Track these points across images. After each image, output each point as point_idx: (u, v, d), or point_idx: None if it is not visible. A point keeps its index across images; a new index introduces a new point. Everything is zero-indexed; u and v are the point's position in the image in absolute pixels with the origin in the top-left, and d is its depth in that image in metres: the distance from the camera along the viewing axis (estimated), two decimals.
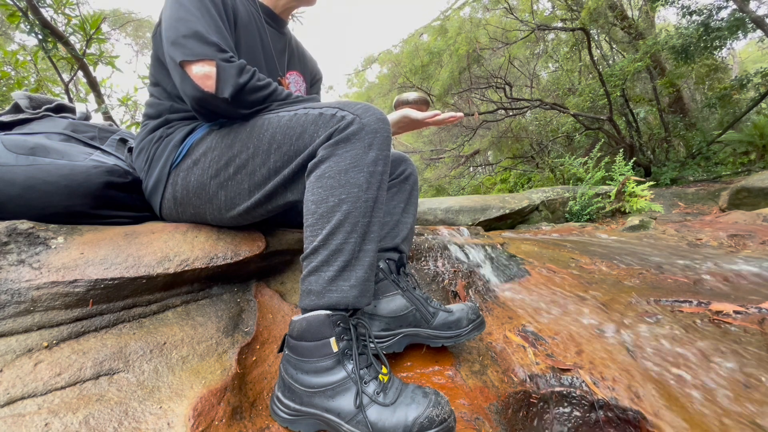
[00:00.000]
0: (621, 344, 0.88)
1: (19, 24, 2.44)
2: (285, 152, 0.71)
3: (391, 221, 0.93)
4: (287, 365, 0.64)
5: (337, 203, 0.65)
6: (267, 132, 0.72)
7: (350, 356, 0.62)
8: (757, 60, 11.83)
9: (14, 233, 0.67)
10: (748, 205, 3.05)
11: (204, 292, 0.83)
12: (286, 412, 0.62)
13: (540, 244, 1.75)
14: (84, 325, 0.64)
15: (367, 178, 0.66)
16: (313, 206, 0.66)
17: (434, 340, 0.82)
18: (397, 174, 0.99)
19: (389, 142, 0.70)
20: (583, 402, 0.73)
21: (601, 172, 3.40)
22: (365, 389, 0.59)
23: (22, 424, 0.48)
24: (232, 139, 0.76)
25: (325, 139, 0.67)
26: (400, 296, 0.84)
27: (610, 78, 5.73)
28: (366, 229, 0.66)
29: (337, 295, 0.63)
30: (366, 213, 0.66)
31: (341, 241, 0.64)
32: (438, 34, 7.54)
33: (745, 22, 4.78)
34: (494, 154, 9.83)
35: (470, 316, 0.84)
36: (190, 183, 0.80)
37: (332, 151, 0.66)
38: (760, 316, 0.94)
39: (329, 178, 0.65)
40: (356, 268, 0.65)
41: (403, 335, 0.83)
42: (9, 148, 0.76)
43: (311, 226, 0.66)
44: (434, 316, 0.83)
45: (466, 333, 0.82)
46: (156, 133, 0.86)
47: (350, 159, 0.65)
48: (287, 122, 0.71)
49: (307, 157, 0.69)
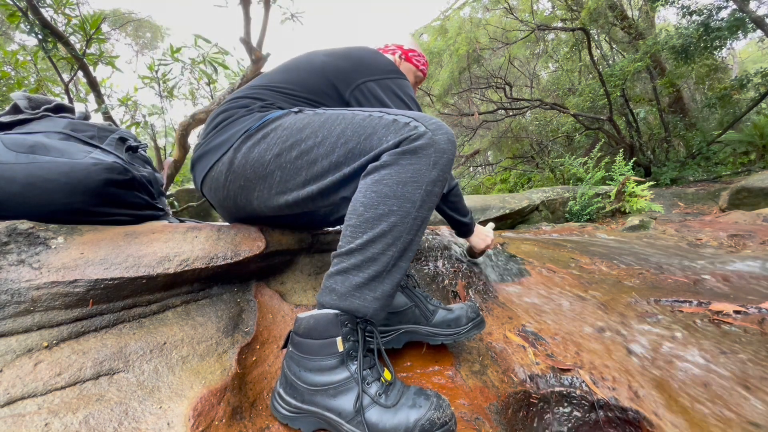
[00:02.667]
0: (621, 344, 0.88)
1: (19, 24, 2.44)
2: (350, 149, 0.70)
3: None
4: (290, 362, 0.64)
5: (386, 213, 0.64)
6: (338, 126, 0.72)
7: (354, 357, 0.61)
8: (757, 60, 11.84)
9: (14, 233, 0.67)
10: (748, 205, 3.05)
11: (204, 292, 0.83)
12: (287, 408, 0.62)
13: (540, 244, 1.75)
14: (84, 325, 0.64)
15: (423, 196, 0.65)
16: (361, 208, 0.65)
17: (433, 338, 0.82)
18: None
19: (451, 166, 0.69)
20: (583, 402, 0.73)
21: (601, 172, 3.41)
22: (367, 390, 0.59)
23: (22, 424, 0.48)
24: (305, 124, 0.75)
25: (393, 146, 0.66)
26: (399, 293, 0.84)
27: (610, 78, 5.74)
28: (406, 246, 0.65)
29: (359, 303, 0.63)
30: (411, 230, 0.65)
31: (379, 251, 0.63)
32: (438, 34, 7.55)
33: (745, 22, 4.78)
34: (494, 154, 9.83)
35: (470, 315, 0.84)
36: (252, 154, 0.78)
37: (397, 159, 0.65)
38: (760, 316, 0.94)
39: (386, 186, 0.64)
40: (385, 281, 0.64)
41: (402, 331, 0.83)
42: (9, 146, 0.76)
43: (353, 227, 0.65)
44: (434, 314, 0.83)
45: (466, 331, 0.82)
46: (248, 107, 0.86)
47: (412, 173, 0.64)
48: (360, 121, 0.71)
49: (371, 159, 0.68)
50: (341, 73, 0.92)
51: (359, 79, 0.92)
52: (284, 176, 0.76)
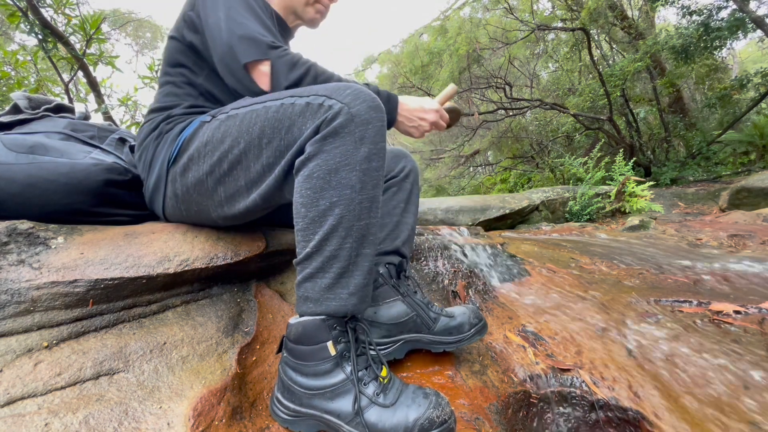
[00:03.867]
0: (621, 344, 0.88)
1: (19, 24, 2.44)
2: (276, 147, 0.65)
3: (391, 222, 0.91)
4: (286, 367, 0.63)
5: (329, 206, 0.60)
6: (256, 125, 0.67)
7: (348, 358, 0.61)
8: (757, 60, 11.83)
9: (14, 233, 0.67)
10: (748, 205, 3.05)
11: (204, 292, 0.83)
12: (286, 413, 0.62)
13: (540, 244, 1.75)
14: (84, 325, 0.64)
15: (360, 177, 0.60)
16: (303, 209, 0.62)
17: (436, 346, 0.81)
18: (396, 172, 0.96)
19: (384, 133, 0.64)
20: (583, 402, 0.73)
21: (601, 172, 3.41)
22: (364, 391, 0.59)
23: (22, 424, 0.48)
24: (223, 133, 0.71)
25: (313, 133, 0.61)
26: (400, 302, 0.82)
27: (610, 78, 5.73)
28: (363, 233, 0.62)
29: (336, 303, 0.61)
30: (361, 215, 0.61)
31: (336, 247, 0.61)
32: (438, 34, 7.55)
33: (745, 22, 4.78)
34: (494, 154, 9.83)
35: (472, 321, 0.82)
36: (188, 179, 0.77)
37: (320, 147, 0.60)
38: (760, 316, 0.94)
39: (318, 179, 0.60)
40: (354, 274, 0.62)
41: (404, 341, 0.82)
42: (9, 146, 0.76)
43: (302, 230, 0.63)
44: (435, 322, 0.82)
45: (468, 338, 0.81)
46: (156, 130, 0.84)
47: (340, 156, 0.60)
48: (274, 114, 0.65)
49: (295, 153, 0.63)
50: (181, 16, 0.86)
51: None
52: (227, 189, 0.73)
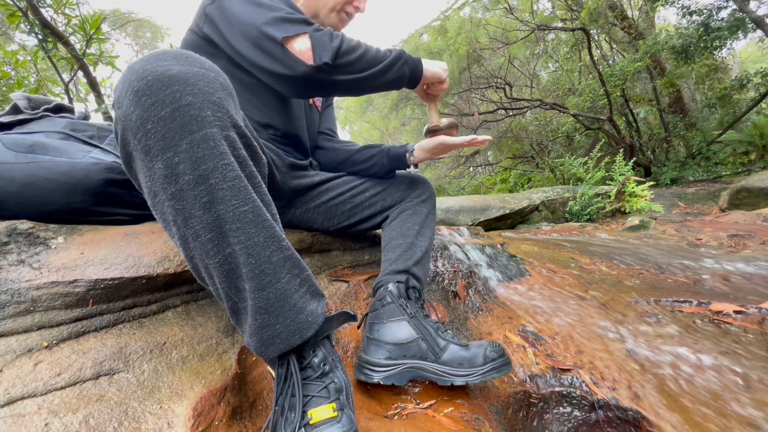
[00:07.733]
0: (621, 344, 0.87)
1: (19, 24, 2.44)
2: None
3: (404, 243, 0.91)
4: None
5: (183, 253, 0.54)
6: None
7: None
8: (757, 60, 11.84)
9: (14, 233, 0.67)
10: (748, 205, 3.05)
11: (204, 292, 0.83)
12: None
13: (540, 244, 1.75)
14: (84, 325, 0.64)
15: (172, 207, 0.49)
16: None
17: (442, 377, 0.71)
18: (414, 195, 0.99)
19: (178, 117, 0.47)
20: (583, 402, 0.73)
21: (601, 172, 3.41)
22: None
23: (22, 424, 0.48)
24: None
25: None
26: (406, 323, 0.77)
27: (610, 78, 5.73)
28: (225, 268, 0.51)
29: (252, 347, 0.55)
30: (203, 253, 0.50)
31: (214, 291, 0.56)
32: (438, 34, 7.55)
33: (745, 22, 4.78)
34: (494, 154, 9.83)
35: (489, 354, 0.71)
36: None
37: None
38: (760, 316, 0.94)
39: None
40: (241, 315, 0.55)
41: (406, 367, 0.74)
42: (8, 146, 0.76)
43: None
44: (444, 350, 0.73)
45: (482, 373, 0.69)
46: None
47: (147, 186, 0.50)
48: None
49: None
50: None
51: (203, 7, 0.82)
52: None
